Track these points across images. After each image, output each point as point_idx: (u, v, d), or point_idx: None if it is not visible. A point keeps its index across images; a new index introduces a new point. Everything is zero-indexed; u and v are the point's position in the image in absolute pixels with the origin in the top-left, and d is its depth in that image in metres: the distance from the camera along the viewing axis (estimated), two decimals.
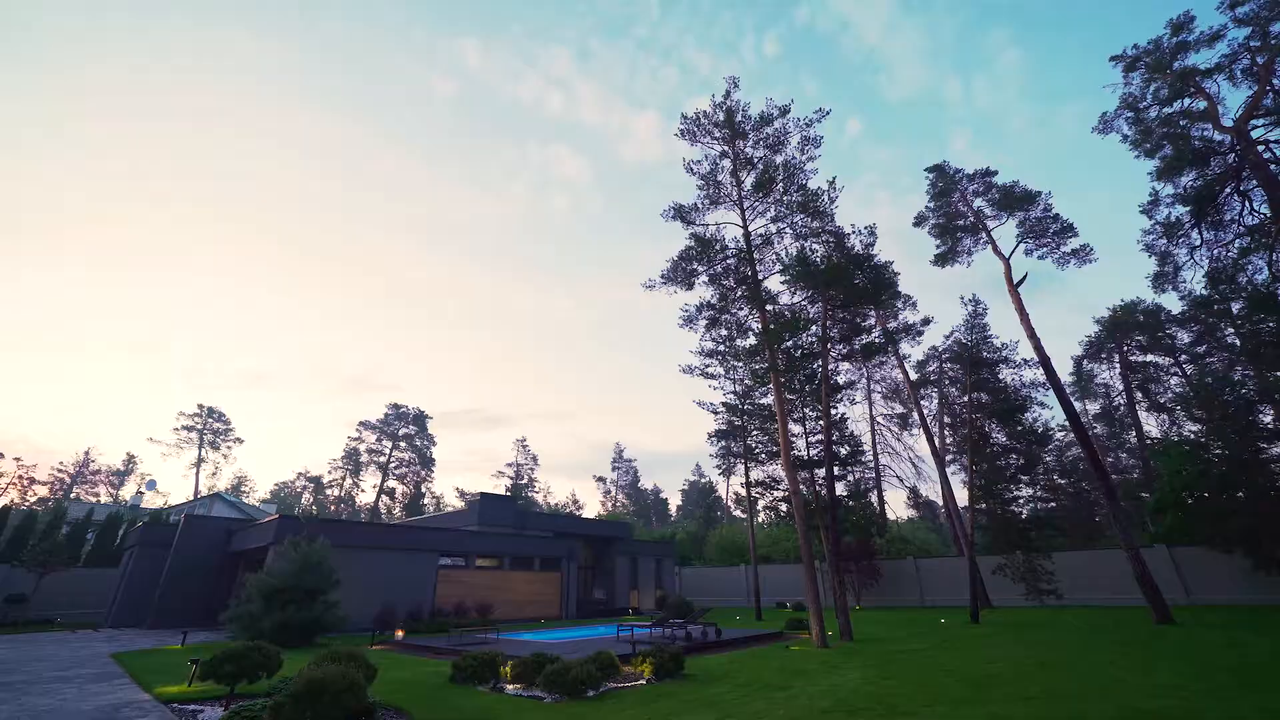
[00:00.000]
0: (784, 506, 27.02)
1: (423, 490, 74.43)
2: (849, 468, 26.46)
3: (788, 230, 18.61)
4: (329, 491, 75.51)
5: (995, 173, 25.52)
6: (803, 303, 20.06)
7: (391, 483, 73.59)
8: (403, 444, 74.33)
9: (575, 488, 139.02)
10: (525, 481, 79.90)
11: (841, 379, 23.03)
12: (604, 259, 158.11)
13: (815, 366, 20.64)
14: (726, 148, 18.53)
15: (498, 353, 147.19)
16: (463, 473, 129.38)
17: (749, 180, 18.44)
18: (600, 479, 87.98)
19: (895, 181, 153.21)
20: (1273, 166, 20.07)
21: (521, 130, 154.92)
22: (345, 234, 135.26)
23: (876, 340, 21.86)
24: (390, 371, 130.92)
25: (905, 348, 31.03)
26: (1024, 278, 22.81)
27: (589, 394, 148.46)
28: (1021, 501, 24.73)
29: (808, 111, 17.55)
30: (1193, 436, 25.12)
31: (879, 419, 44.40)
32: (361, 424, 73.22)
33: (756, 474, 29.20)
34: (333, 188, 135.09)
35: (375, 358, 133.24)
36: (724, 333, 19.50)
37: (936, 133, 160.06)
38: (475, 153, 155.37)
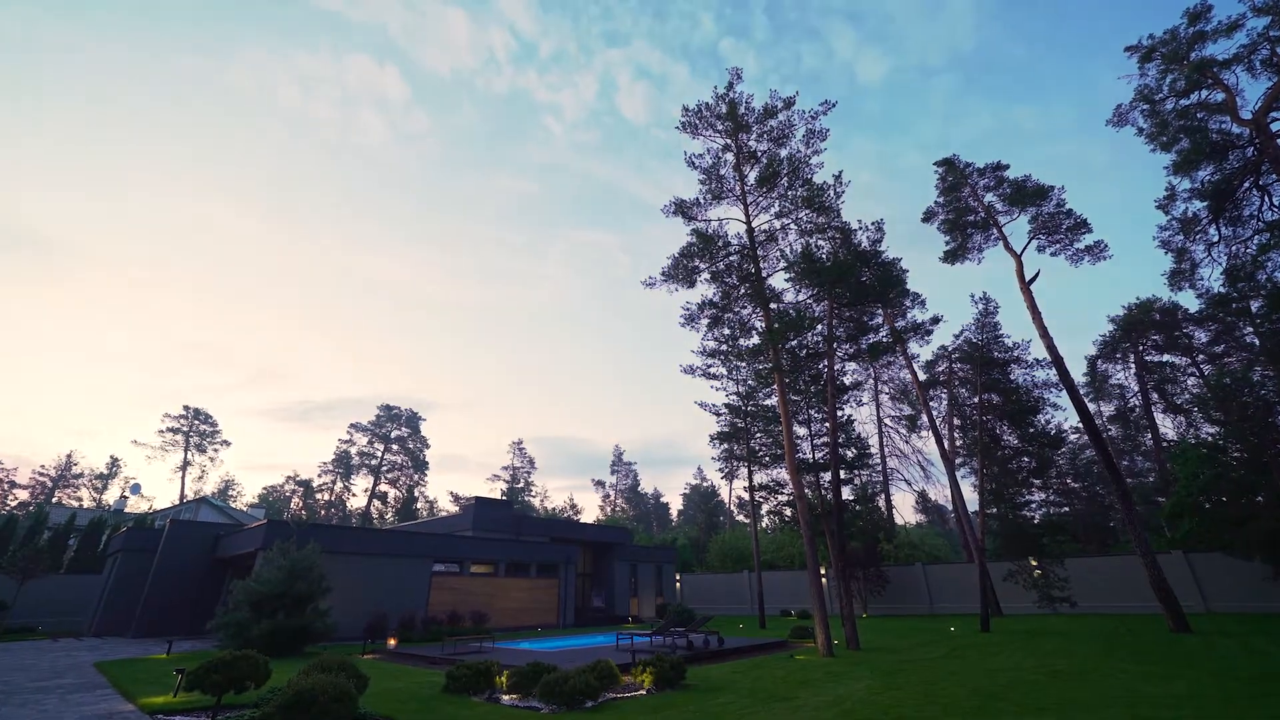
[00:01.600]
0: (788, 511, 27.02)
1: (416, 494, 74.46)
2: (855, 471, 26.48)
3: (792, 226, 18.62)
4: (319, 495, 75.51)
5: (1006, 167, 25.49)
6: (808, 301, 20.06)
7: (383, 486, 73.69)
8: (395, 446, 74.40)
9: (573, 492, 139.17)
10: (521, 485, 79.93)
11: (848, 379, 23.06)
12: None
13: (820, 367, 20.64)
14: (729, 141, 18.53)
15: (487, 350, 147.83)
16: (456, 472, 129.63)
17: (752, 175, 18.44)
18: (599, 483, 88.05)
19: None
20: None
21: None
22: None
23: (884, 339, 21.85)
24: (384, 372, 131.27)
25: (914, 347, 30.97)
26: (1036, 275, 22.82)
27: (588, 395, 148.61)
28: (1033, 506, 24.72)
29: (813, 104, 17.57)
30: (1210, 439, 25.10)
31: (886, 421, 44.43)
32: (352, 426, 73.33)
33: (760, 477, 29.21)
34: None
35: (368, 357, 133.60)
36: (727, 332, 19.51)
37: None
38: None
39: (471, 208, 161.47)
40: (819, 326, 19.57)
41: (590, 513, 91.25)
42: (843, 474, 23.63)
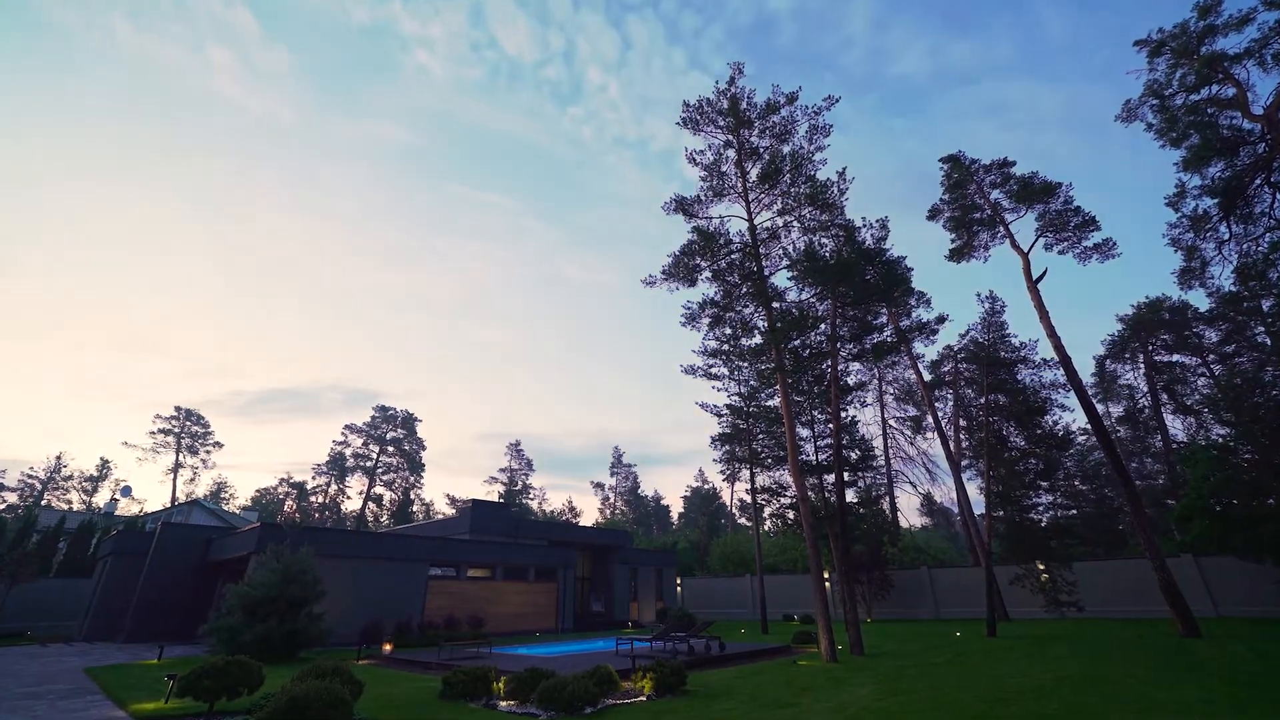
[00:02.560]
0: (791, 514, 27.00)
1: (411, 497, 74.50)
2: (860, 473, 26.46)
3: (795, 224, 18.63)
4: (313, 498, 75.54)
5: (1013, 163, 25.49)
6: (811, 300, 20.06)
7: (379, 489, 73.74)
8: (390, 448, 74.43)
9: (572, 494, 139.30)
10: (519, 488, 79.94)
11: (852, 380, 23.04)
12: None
13: (824, 367, 20.64)
14: (731, 137, 18.54)
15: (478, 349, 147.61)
16: (454, 475, 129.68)
17: (754, 171, 18.45)
18: (598, 485, 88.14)
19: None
20: None
21: None
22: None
23: (888, 339, 21.83)
24: (374, 374, 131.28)
25: (919, 347, 31.11)
26: (1044, 273, 22.82)
27: (587, 395, 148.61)
28: (1041, 508, 24.72)
29: (816, 99, 17.56)
30: (1221, 440, 25.08)
31: (891, 422, 44.41)
32: (347, 427, 73.38)
33: (762, 480, 29.22)
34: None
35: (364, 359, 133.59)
36: (728, 331, 19.52)
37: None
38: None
39: (345, 160, 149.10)
40: (822, 326, 19.57)
41: (589, 515, 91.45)
42: (846, 476, 23.64)
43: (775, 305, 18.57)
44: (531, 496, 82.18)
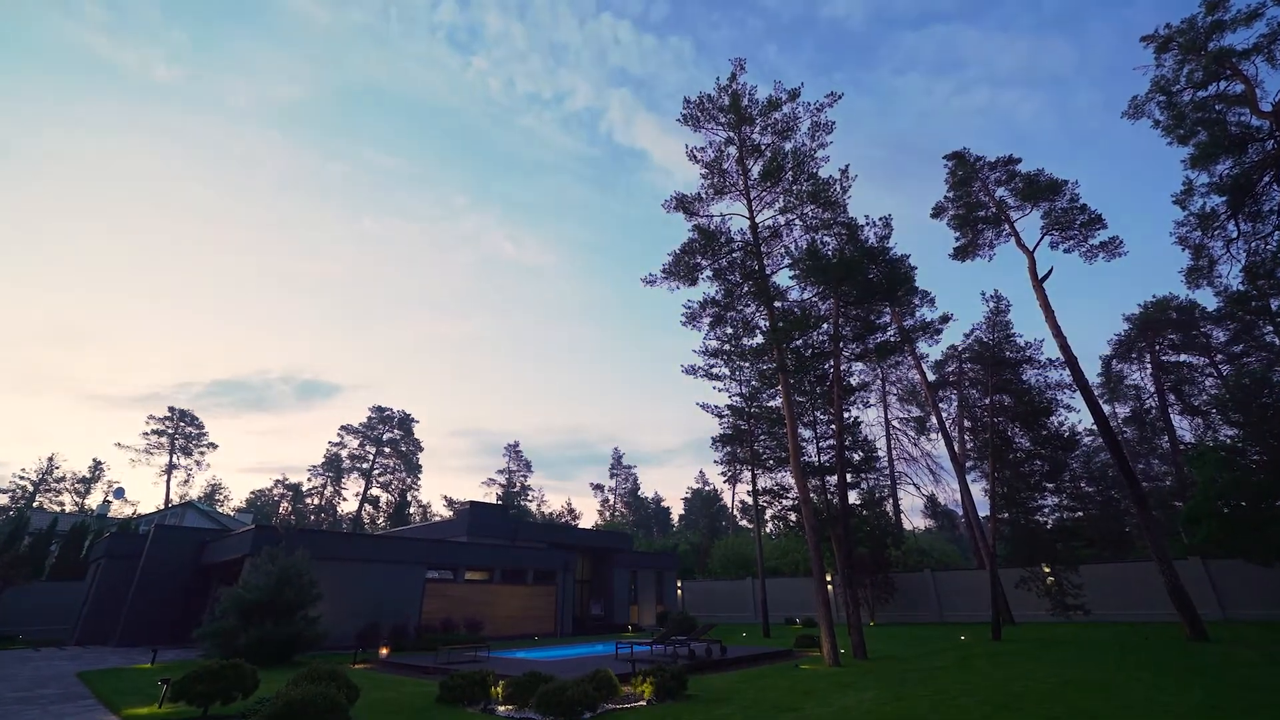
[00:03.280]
0: (793, 516, 27.04)
1: (408, 498, 74.49)
2: (862, 474, 26.49)
3: (797, 222, 18.64)
4: (309, 500, 75.57)
5: (1019, 160, 25.52)
6: (813, 299, 20.06)
7: (375, 490, 73.74)
8: (387, 449, 74.44)
9: (571, 496, 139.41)
10: (518, 490, 79.96)
11: (854, 380, 23.08)
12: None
13: (826, 367, 20.65)
14: (732, 134, 18.55)
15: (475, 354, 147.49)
16: (453, 474, 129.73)
17: (756, 169, 18.46)
18: (598, 487, 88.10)
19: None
20: None
21: None
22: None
23: (892, 339, 21.84)
24: (367, 375, 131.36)
25: (923, 347, 31.11)
26: (1049, 272, 22.85)
27: (586, 396, 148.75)
28: (1046, 510, 24.68)
29: (818, 95, 17.58)
30: (1229, 441, 25.09)
31: (894, 423, 44.41)
32: (343, 428, 73.40)
33: (764, 481, 29.26)
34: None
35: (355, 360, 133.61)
36: (729, 331, 19.53)
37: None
38: None
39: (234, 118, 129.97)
40: (824, 325, 19.58)
41: (589, 517, 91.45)
42: (849, 478, 23.65)
43: (777, 304, 18.58)
44: (530, 498, 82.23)
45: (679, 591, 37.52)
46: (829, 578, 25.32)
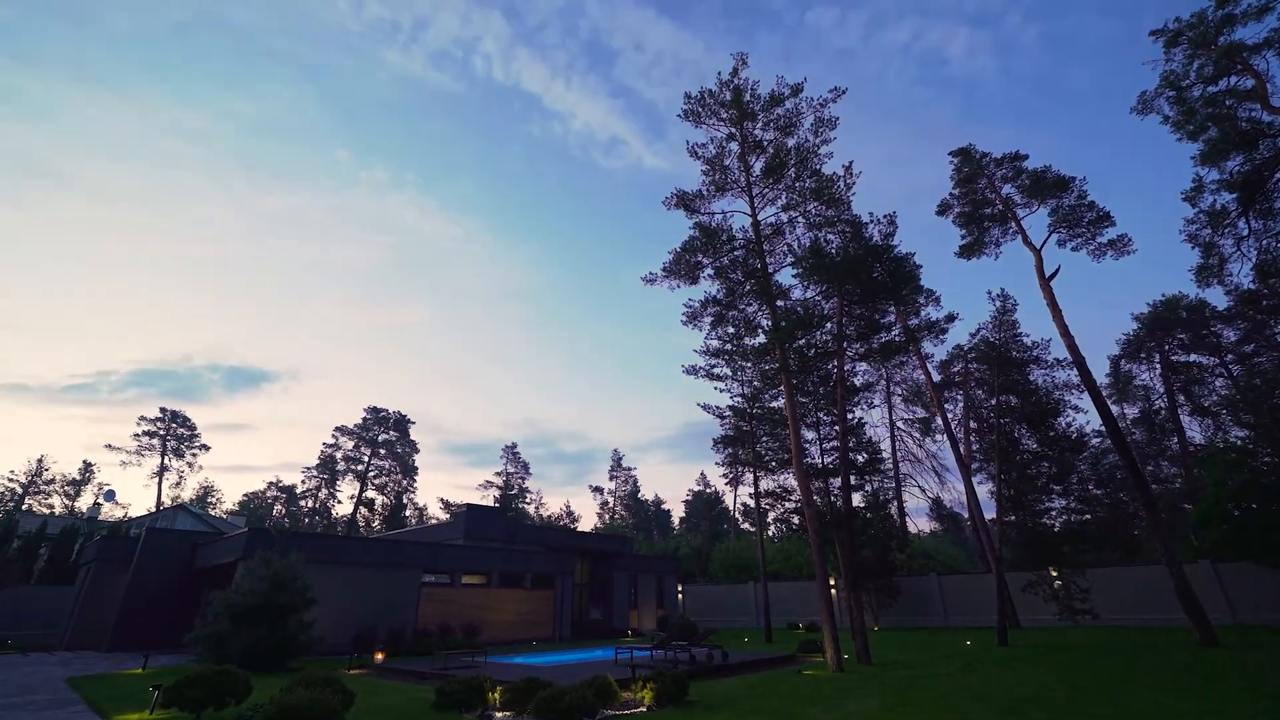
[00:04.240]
0: (796, 519, 27.06)
1: (404, 501, 74.50)
2: (866, 477, 26.46)
3: (800, 219, 18.63)
4: (303, 502, 75.58)
5: (1025, 157, 25.48)
6: (816, 298, 20.07)
7: (370, 493, 73.70)
8: (382, 451, 74.43)
9: (570, 499, 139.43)
10: (515, 492, 79.91)
11: (858, 380, 23.05)
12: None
13: (830, 367, 20.64)
14: (734, 130, 18.53)
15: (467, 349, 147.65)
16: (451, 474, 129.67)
17: (758, 165, 18.45)
18: (597, 489, 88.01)
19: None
20: None
21: None
22: None
23: (896, 339, 21.85)
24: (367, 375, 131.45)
25: (928, 347, 31.06)
26: (1057, 270, 22.85)
27: (585, 396, 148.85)
28: (1053, 513, 24.70)
29: (822, 91, 17.55)
30: (1240, 442, 25.11)
31: (899, 424, 44.41)
32: (338, 429, 73.37)
33: (766, 484, 29.22)
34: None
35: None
36: (731, 330, 19.55)
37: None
38: None
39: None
40: (828, 325, 19.57)
41: (588, 520, 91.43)
42: (853, 480, 23.63)
43: (779, 303, 18.59)
44: (528, 501, 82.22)
45: (680, 595, 37.52)
46: (832, 581, 25.33)
